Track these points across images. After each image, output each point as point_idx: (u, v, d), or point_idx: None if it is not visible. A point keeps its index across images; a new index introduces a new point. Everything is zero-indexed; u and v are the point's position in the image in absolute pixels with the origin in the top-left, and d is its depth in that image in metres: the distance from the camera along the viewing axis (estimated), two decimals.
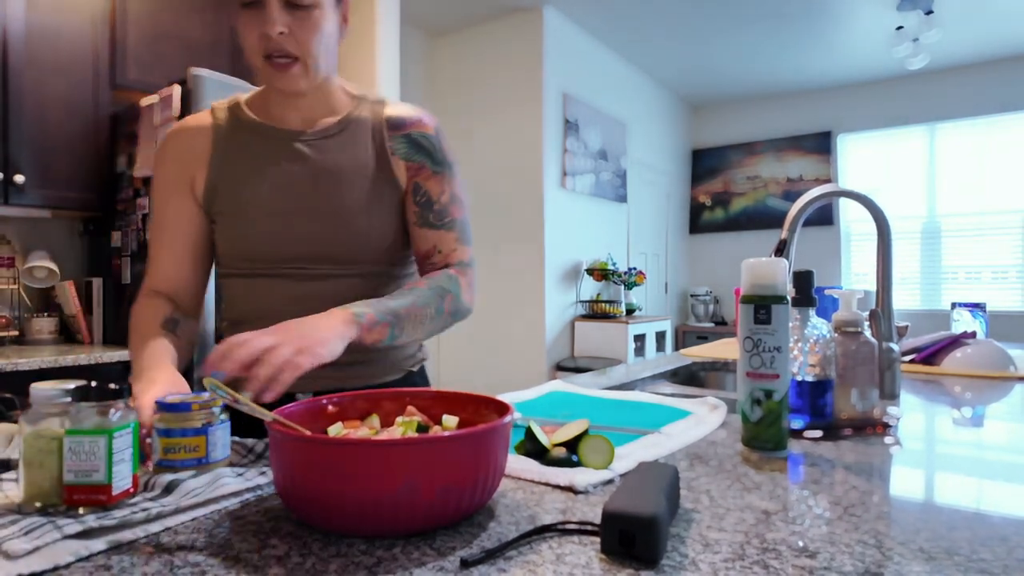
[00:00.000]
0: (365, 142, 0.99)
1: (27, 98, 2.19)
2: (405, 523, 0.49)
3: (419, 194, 1.00)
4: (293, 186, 0.95)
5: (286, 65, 0.88)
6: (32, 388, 0.57)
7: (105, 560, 0.46)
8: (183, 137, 0.98)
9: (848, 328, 0.92)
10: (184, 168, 0.97)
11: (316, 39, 0.88)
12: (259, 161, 0.96)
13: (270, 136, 0.97)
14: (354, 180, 0.97)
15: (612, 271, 4.45)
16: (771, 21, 4.31)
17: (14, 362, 1.90)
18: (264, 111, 0.99)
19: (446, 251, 1.01)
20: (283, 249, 0.95)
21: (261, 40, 0.87)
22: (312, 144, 0.97)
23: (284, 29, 0.86)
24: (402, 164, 1.00)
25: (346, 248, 0.96)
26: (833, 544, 0.49)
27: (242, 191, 0.95)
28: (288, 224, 0.95)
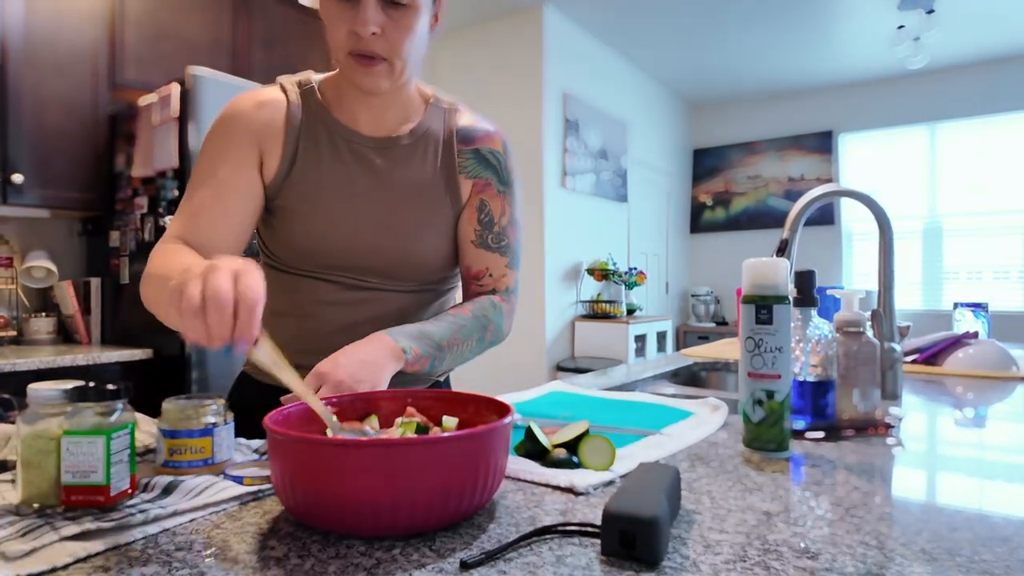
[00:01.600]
0: (434, 156, 0.97)
1: (26, 97, 2.19)
2: (404, 524, 0.49)
3: (483, 212, 0.98)
4: (359, 196, 0.92)
5: (372, 63, 0.83)
6: (30, 389, 0.57)
7: (103, 562, 0.46)
8: (260, 106, 0.91)
9: (850, 328, 0.92)
10: (260, 136, 0.90)
11: (408, 41, 0.84)
12: (329, 161, 0.92)
13: (342, 136, 0.93)
14: (419, 197, 0.95)
15: (612, 271, 4.45)
16: (772, 20, 4.31)
17: (12, 362, 1.89)
18: (336, 105, 0.94)
19: (496, 275, 1.00)
20: (337, 258, 0.92)
21: (350, 37, 0.82)
22: (383, 154, 0.94)
23: (377, 30, 0.81)
24: (469, 181, 0.98)
25: (402, 266, 0.94)
26: (835, 545, 0.49)
27: (309, 190, 0.91)
28: (348, 235, 0.92)
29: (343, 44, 0.83)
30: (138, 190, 2.31)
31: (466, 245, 0.99)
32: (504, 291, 1.01)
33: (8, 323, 2.36)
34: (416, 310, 0.99)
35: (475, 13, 4.22)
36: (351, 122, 0.94)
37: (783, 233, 1.14)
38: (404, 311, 0.97)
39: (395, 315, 0.96)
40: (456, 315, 0.92)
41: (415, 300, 0.98)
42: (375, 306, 0.95)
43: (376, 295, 0.95)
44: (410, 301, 0.98)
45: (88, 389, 0.55)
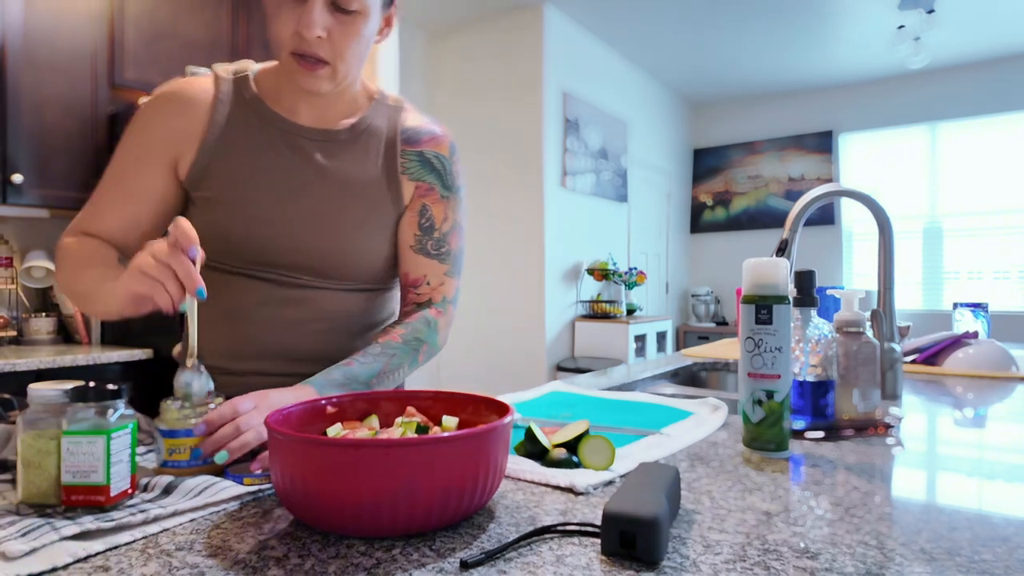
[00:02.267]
0: (376, 153, 0.94)
1: (25, 97, 2.19)
2: (404, 524, 0.49)
3: (424, 217, 0.95)
4: (293, 189, 0.89)
5: (315, 67, 0.82)
6: (30, 388, 0.57)
7: (103, 561, 0.46)
8: (177, 105, 0.88)
9: (850, 328, 0.92)
10: (171, 138, 0.88)
11: (353, 46, 0.82)
12: (263, 153, 0.89)
13: (279, 128, 0.90)
14: (357, 194, 0.92)
15: (612, 271, 4.45)
16: (772, 20, 4.31)
17: (12, 362, 1.89)
18: (275, 96, 0.91)
19: (434, 284, 0.97)
20: (270, 253, 0.89)
21: (294, 37, 0.80)
22: (322, 147, 0.91)
23: (323, 33, 0.79)
24: (411, 184, 0.95)
25: (338, 266, 0.91)
26: (834, 545, 0.49)
27: (238, 181, 0.88)
28: (286, 230, 0.89)
29: (286, 43, 0.81)
30: None
31: (405, 250, 0.96)
32: (441, 301, 0.98)
33: (8, 323, 2.36)
34: (356, 309, 0.96)
35: (475, 13, 4.22)
36: (289, 114, 0.91)
37: (783, 233, 1.15)
38: (343, 310, 0.94)
39: (334, 314, 0.93)
40: (386, 344, 0.88)
41: (355, 299, 0.95)
42: (311, 306, 0.92)
43: (314, 294, 0.92)
44: (349, 300, 0.95)
45: (88, 389, 0.55)
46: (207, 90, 0.90)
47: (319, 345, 0.93)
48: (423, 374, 4.45)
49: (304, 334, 0.92)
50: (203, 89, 0.90)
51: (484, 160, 4.37)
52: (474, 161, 4.41)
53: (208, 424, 0.66)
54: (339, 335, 0.95)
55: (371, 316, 0.99)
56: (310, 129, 0.91)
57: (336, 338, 0.95)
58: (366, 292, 0.97)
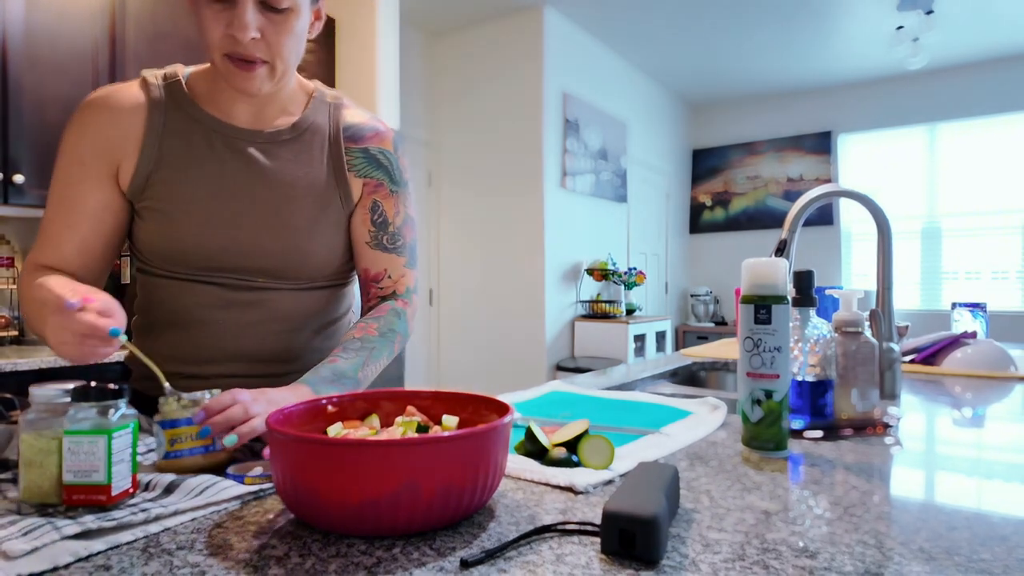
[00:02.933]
0: (320, 152, 0.93)
1: (26, 97, 2.19)
2: (405, 523, 0.49)
3: (376, 213, 0.96)
4: (239, 193, 0.88)
5: (251, 67, 0.80)
6: (31, 388, 0.57)
7: (105, 560, 0.46)
8: (109, 114, 0.86)
9: (848, 328, 0.92)
10: (108, 149, 0.85)
11: (289, 43, 0.82)
12: (203, 159, 0.87)
13: (218, 132, 0.88)
14: (305, 193, 0.91)
15: (612, 271, 4.45)
16: (771, 21, 4.32)
17: (13, 362, 1.89)
18: (210, 99, 0.89)
19: (396, 277, 0.98)
20: (221, 258, 0.88)
21: (226, 39, 0.78)
22: (264, 148, 0.90)
23: (256, 34, 0.78)
24: (359, 181, 0.95)
25: (292, 265, 0.91)
26: (833, 544, 0.49)
27: (180, 189, 0.86)
28: (230, 234, 0.88)
29: (218, 46, 0.79)
30: None
31: (361, 247, 0.96)
32: (405, 292, 0.99)
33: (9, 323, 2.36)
34: (314, 307, 0.96)
35: (475, 13, 4.23)
36: (226, 116, 0.89)
37: (782, 233, 1.15)
38: (301, 310, 0.94)
39: (292, 314, 0.94)
40: (364, 339, 0.89)
41: (311, 297, 0.95)
42: (268, 307, 0.92)
43: (267, 295, 0.91)
44: (306, 299, 0.95)
45: (89, 389, 0.55)
46: (137, 96, 0.87)
47: (280, 345, 0.94)
48: (423, 374, 4.45)
49: (264, 335, 0.92)
50: (133, 96, 0.87)
51: (484, 161, 4.37)
52: (474, 161, 4.42)
53: (207, 411, 0.66)
54: (299, 334, 0.95)
55: (329, 313, 1.00)
56: (251, 131, 0.90)
57: (296, 337, 0.95)
58: (322, 290, 0.97)
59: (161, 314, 0.92)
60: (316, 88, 0.97)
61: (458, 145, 4.48)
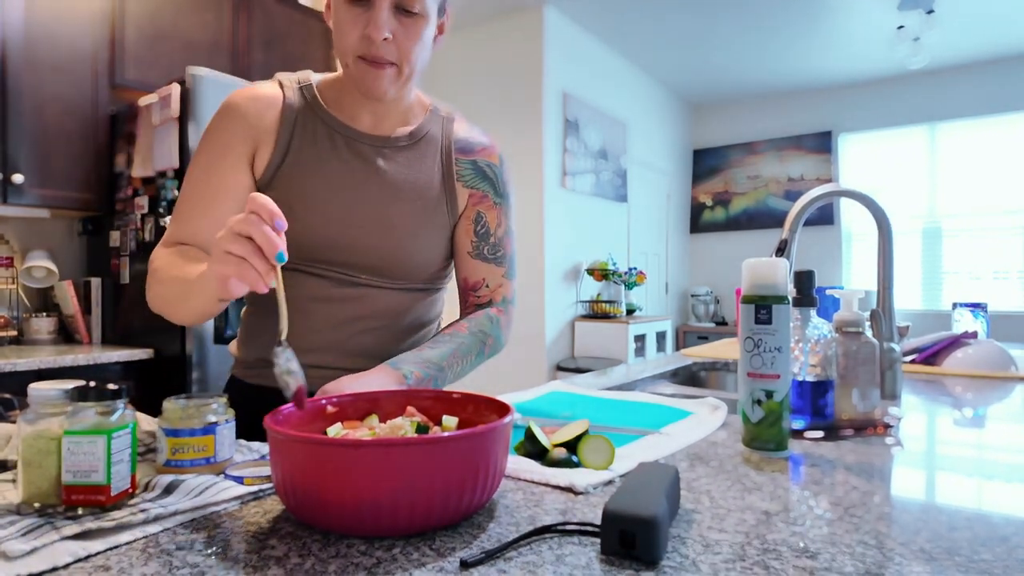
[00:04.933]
0: (433, 161, 0.98)
1: (26, 97, 2.19)
2: (405, 524, 0.49)
3: (479, 224, 1.00)
4: (357, 192, 0.93)
5: (382, 66, 0.85)
6: (31, 388, 0.57)
7: (104, 561, 0.46)
8: (254, 104, 0.92)
9: (849, 328, 0.92)
10: (252, 135, 0.91)
11: (418, 48, 0.86)
12: (327, 157, 0.93)
13: (341, 134, 0.94)
14: (415, 197, 0.95)
15: (612, 271, 4.45)
16: (772, 20, 4.31)
17: (13, 362, 1.89)
18: (337, 104, 0.95)
19: (493, 286, 1.02)
20: (331, 254, 0.93)
21: (362, 41, 0.84)
22: (382, 153, 0.95)
23: (389, 35, 0.83)
24: (465, 191, 0.99)
25: (395, 265, 0.95)
26: (834, 545, 0.49)
27: (304, 182, 0.92)
28: (343, 230, 0.92)
29: (354, 48, 0.85)
30: (138, 190, 2.31)
31: (462, 256, 1.00)
32: (501, 302, 1.03)
33: (9, 323, 2.36)
34: (408, 308, 0.99)
35: (475, 13, 4.23)
36: (350, 121, 0.95)
37: (783, 233, 1.15)
38: (396, 309, 0.97)
39: (387, 312, 0.97)
40: (454, 334, 0.93)
41: (407, 298, 0.98)
42: (366, 303, 0.95)
43: (367, 292, 0.95)
44: (402, 299, 0.98)
45: (89, 389, 0.55)
46: (276, 93, 0.94)
47: (371, 341, 0.97)
48: None
49: (358, 330, 0.96)
50: (272, 93, 0.94)
51: None
52: None
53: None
54: (391, 332, 0.98)
55: (421, 316, 1.02)
56: (372, 136, 0.95)
57: (388, 335, 0.98)
58: (418, 292, 1.00)
59: (265, 302, 0.96)
60: (432, 102, 1.02)
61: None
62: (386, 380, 0.80)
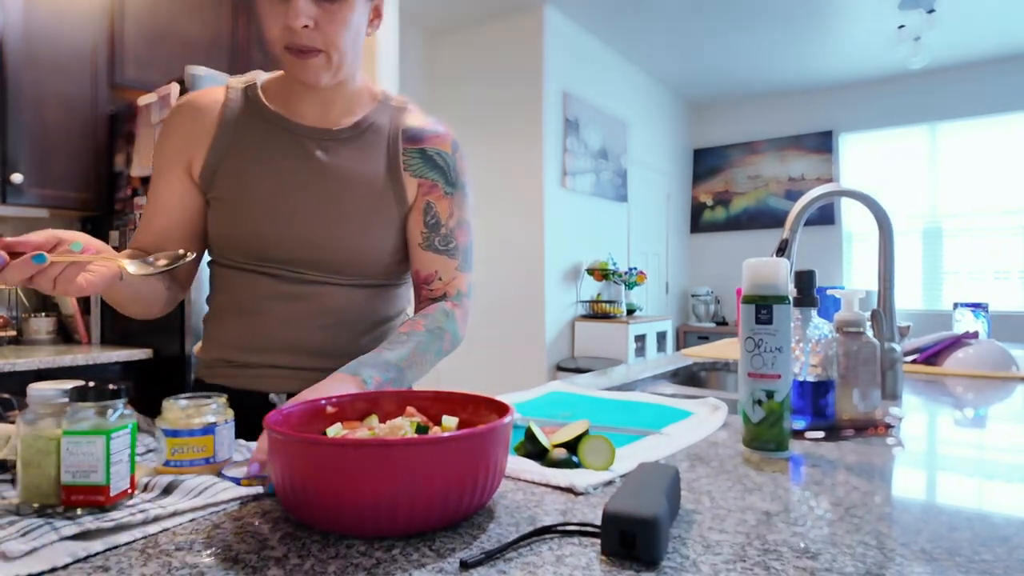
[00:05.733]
0: (379, 151, 0.96)
1: (25, 97, 2.19)
2: (404, 524, 0.49)
3: (429, 214, 0.97)
4: (299, 186, 0.92)
5: (308, 54, 0.85)
6: (30, 388, 0.57)
7: (103, 561, 0.46)
8: (188, 113, 0.94)
9: (850, 328, 0.92)
10: (184, 145, 0.93)
11: (343, 33, 0.85)
12: (267, 153, 0.93)
13: (283, 129, 0.94)
14: (361, 190, 0.94)
15: (612, 271, 4.45)
16: (772, 20, 4.31)
17: (12, 362, 1.89)
18: (281, 100, 0.95)
19: (447, 279, 0.99)
20: (280, 252, 0.92)
21: (284, 32, 0.84)
22: (325, 146, 0.94)
23: (309, 22, 0.82)
24: (414, 181, 0.97)
25: (345, 260, 0.93)
26: (835, 545, 0.49)
27: (244, 181, 0.92)
28: (289, 227, 0.91)
29: (279, 38, 0.85)
30: (137, 190, 2.31)
31: (414, 248, 0.98)
32: (456, 295, 0.99)
33: (8, 323, 2.36)
34: (365, 304, 0.97)
35: (475, 13, 4.22)
36: (294, 116, 0.94)
37: (783, 233, 1.14)
38: (352, 305, 0.96)
39: (342, 309, 0.95)
40: (410, 333, 0.90)
41: (363, 294, 0.97)
42: (320, 300, 0.94)
43: (320, 289, 0.94)
44: (357, 295, 0.96)
45: (88, 389, 0.55)
46: (217, 98, 0.95)
47: (327, 339, 0.95)
48: None
49: (312, 328, 0.94)
50: (213, 97, 0.95)
51: (484, 160, 4.37)
52: (474, 161, 4.41)
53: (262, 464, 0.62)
54: (347, 330, 0.97)
55: (379, 312, 1.00)
56: (314, 128, 0.94)
57: (344, 333, 0.96)
58: (373, 288, 0.98)
59: (224, 302, 0.97)
60: (383, 92, 1.01)
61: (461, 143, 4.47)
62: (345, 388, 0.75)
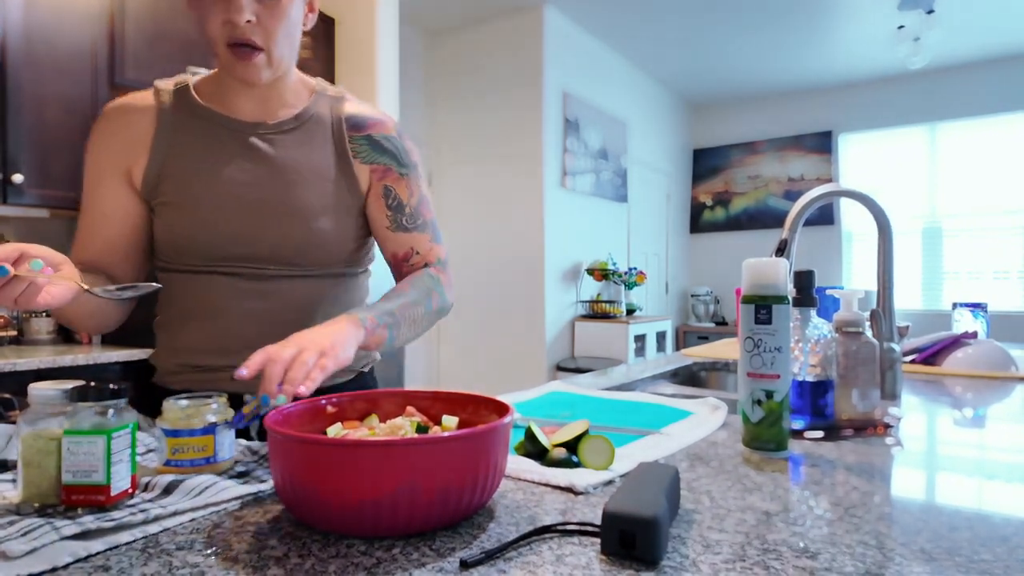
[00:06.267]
0: (324, 141, 0.96)
1: (25, 97, 2.19)
2: (404, 524, 0.49)
3: (390, 197, 0.98)
4: (247, 183, 0.91)
5: (250, 55, 0.84)
6: (30, 388, 0.57)
7: (104, 561, 0.46)
8: (123, 117, 0.91)
9: (849, 328, 0.92)
10: (122, 151, 0.91)
11: (283, 28, 0.85)
12: (210, 152, 0.91)
13: (223, 126, 0.92)
14: (312, 180, 0.93)
15: (612, 271, 4.45)
16: (772, 20, 4.31)
17: (12, 362, 1.89)
18: (216, 98, 0.93)
19: (423, 252, 1.00)
20: (235, 249, 0.91)
21: (225, 27, 0.82)
22: (268, 139, 0.93)
23: (252, 17, 0.82)
24: (365, 167, 0.97)
25: (301, 250, 0.93)
26: (834, 545, 0.49)
27: (191, 183, 0.90)
28: (243, 222, 0.90)
29: (219, 35, 0.83)
30: None
31: (383, 233, 0.99)
32: (437, 263, 1.01)
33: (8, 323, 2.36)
34: (326, 295, 0.97)
35: (475, 13, 4.22)
36: (231, 112, 0.93)
37: (783, 233, 1.15)
38: (313, 297, 0.96)
39: (304, 302, 0.95)
40: (399, 291, 0.91)
41: (324, 285, 0.96)
42: (281, 296, 0.93)
43: (282, 284, 0.93)
44: (318, 287, 0.96)
45: (88, 389, 0.55)
46: (148, 101, 0.93)
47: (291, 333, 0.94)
48: (423, 374, 4.45)
49: (276, 324, 0.94)
50: (144, 101, 0.93)
51: (484, 160, 4.37)
52: (474, 161, 4.41)
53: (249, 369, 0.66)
54: (312, 323, 0.96)
55: (344, 303, 1.00)
56: (255, 123, 0.93)
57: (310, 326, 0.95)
58: (335, 277, 0.98)
59: (179, 309, 0.95)
60: (318, 83, 1.00)
61: (458, 144, 4.48)
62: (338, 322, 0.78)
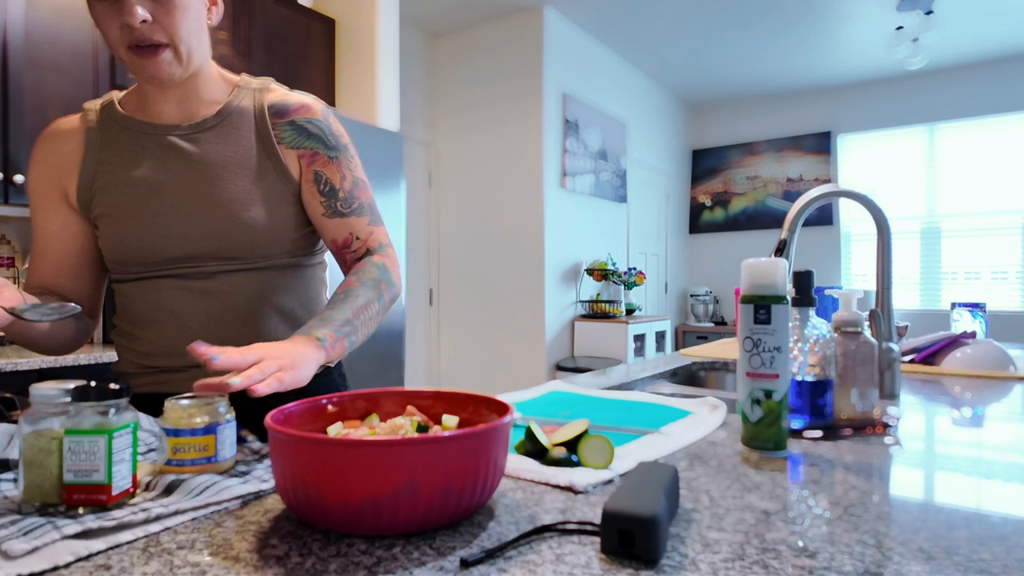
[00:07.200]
0: (247, 132, 0.95)
1: (27, 97, 2.19)
2: (405, 523, 0.49)
3: (321, 183, 0.97)
4: (172, 183, 0.91)
5: (154, 51, 0.83)
6: (32, 388, 0.57)
7: (105, 560, 0.46)
8: (52, 142, 0.94)
9: (848, 328, 0.92)
10: (55, 174, 0.93)
11: (183, 23, 0.84)
12: (134, 160, 0.92)
13: (143, 132, 0.93)
14: (236, 172, 0.93)
15: (612, 271, 4.45)
16: (771, 21, 4.32)
17: (14, 362, 1.89)
18: (139, 107, 0.94)
19: (363, 236, 0.99)
20: (172, 250, 0.91)
21: (123, 32, 0.82)
22: (189, 137, 0.93)
23: (147, 17, 0.81)
24: (292, 153, 0.96)
25: (237, 243, 0.92)
26: (833, 544, 0.49)
27: (119, 193, 0.91)
28: (173, 224, 0.90)
29: (119, 40, 0.83)
30: None
31: (320, 220, 0.98)
32: (378, 248, 1.00)
33: None
34: (274, 287, 0.96)
35: (475, 14, 4.23)
36: (154, 119, 0.94)
37: (782, 233, 1.15)
38: (262, 291, 0.95)
39: (252, 297, 0.94)
40: (347, 291, 0.90)
41: (270, 277, 0.96)
42: (228, 292, 0.93)
43: (227, 279, 0.93)
44: (265, 280, 0.95)
45: (90, 388, 0.55)
46: (75, 123, 0.95)
47: (248, 330, 0.95)
48: (423, 374, 4.45)
49: (229, 321, 0.93)
50: (72, 123, 0.95)
51: (484, 161, 4.37)
52: (474, 161, 4.42)
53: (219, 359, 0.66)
54: (265, 318, 0.96)
55: (295, 295, 1.00)
56: (177, 125, 0.93)
57: (263, 321, 0.95)
58: (283, 268, 0.98)
59: (134, 316, 0.95)
60: (242, 78, 1.00)
61: (458, 145, 4.48)
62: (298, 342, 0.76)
